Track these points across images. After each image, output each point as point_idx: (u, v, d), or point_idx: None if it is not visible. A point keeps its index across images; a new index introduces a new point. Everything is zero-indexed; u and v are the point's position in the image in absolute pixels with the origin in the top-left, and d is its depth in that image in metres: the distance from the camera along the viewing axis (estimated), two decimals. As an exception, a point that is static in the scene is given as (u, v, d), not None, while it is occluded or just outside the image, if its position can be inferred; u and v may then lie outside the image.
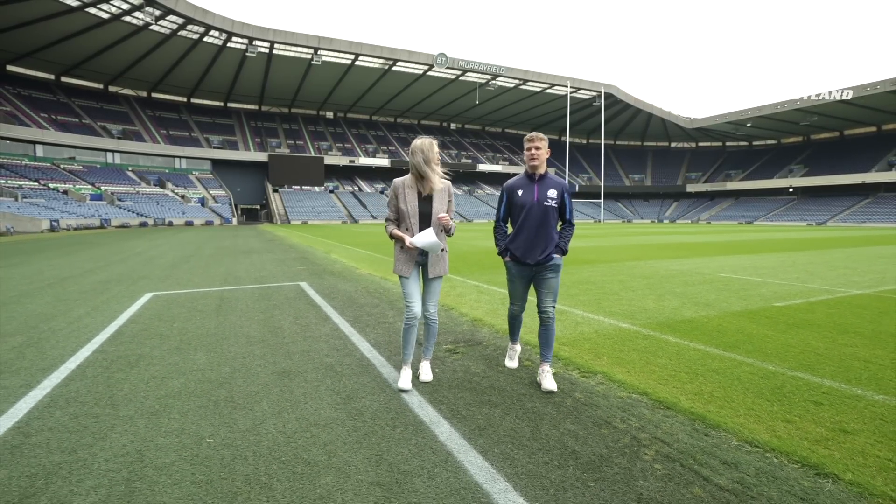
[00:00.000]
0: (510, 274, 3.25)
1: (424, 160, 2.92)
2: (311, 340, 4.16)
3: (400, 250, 3.03)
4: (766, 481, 1.96)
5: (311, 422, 2.54)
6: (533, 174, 3.12)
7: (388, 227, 3.11)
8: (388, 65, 50.22)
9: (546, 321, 3.14)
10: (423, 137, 2.99)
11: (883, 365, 3.43)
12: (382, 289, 6.89)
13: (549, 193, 3.08)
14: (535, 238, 3.07)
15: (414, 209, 2.98)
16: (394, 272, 3.06)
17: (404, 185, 3.01)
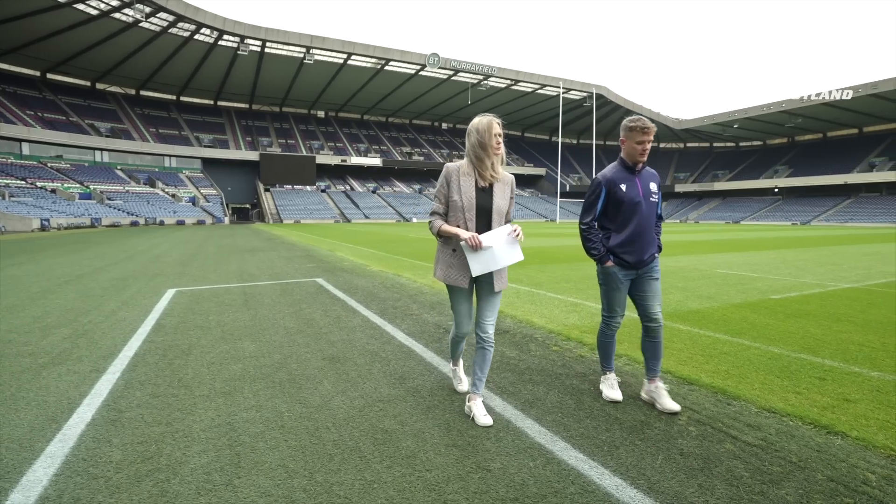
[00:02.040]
0: (614, 281, 2.74)
1: (480, 143, 2.39)
2: (346, 331, 4.42)
3: (452, 253, 2.44)
4: (785, 438, 2.29)
5: (375, 398, 2.81)
6: (634, 165, 2.72)
7: (435, 223, 2.49)
8: (381, 64, 50.36)
9: (656, 330, 2.75)
10: (482, 116, 2.45)
11: (875, 347, 3.80)
12: (399, 284, 7.16)
13: (652, 188, 2.76)
14: (645, 237, 2.71)
15: (470, 201, 2.40)
16: (440, 279, 2.51)
17: (459, 172, 2.44)
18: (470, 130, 2.44)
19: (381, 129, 69.47)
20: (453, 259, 2.46)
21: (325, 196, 55.68)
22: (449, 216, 2.48)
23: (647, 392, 2.75)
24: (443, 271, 2.51)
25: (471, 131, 2.43)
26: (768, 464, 2.07)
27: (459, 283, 2.46)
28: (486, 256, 2.34)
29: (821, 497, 1.85)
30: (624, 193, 2.69)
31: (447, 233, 2.42)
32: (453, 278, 2.47)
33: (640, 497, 1.84)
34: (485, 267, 2.34)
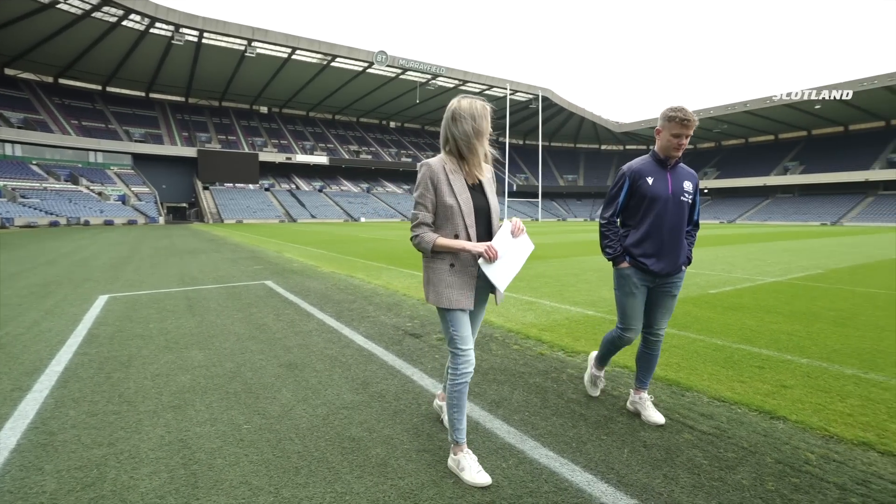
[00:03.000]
0: (628, 285, 2.43)
1: (475, 131, 1.93)
2: (302, 335, 4.26)
3: (450, 269, 1.96)
4: (736, 425, 2.44)
5: (339, 405, 2.72)
6: (666, 159, 2.41)
7: (425, 236, 1.93)
8: (327, 61, 49.18)
9: (655, 344, 2.56)
10: (469, 98, 1.96)
11: (802, 336, 4.14)
12: (352, 286, 7.01)
13: (685, 186, 2.43)
14: (670, 241, 2.39)
15: (468, 205, 1.95)
16: (436, 303, 1.98)
17: (446, 170, 1.95)
18: (459, 115, 1.93)
19: (327, 127, 67.85)
20: (453, 277, 1.96)
21: (269, 195, 53.64)
22: (438, 225, 1.97)
23: (633, 403, 2.63)
24: (440, 293, 1.96)
25: (461, 116, 1.92)
26: (723, 450, 2.20)
27: (463, 304, 1.96)
28: (506, 264, 1.95)
29: (772, 479, 1.98)
30: (650, 187, 2.38)
31: (447, 247, 1.91)
32: (455, 300, 1.95)
33: (611, 491, 1.89)
34: (508, 276, 1.95)
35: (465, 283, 1.98)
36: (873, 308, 5.38)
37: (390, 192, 63.23)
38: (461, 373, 2.00)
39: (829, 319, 4.80)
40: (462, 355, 1.99)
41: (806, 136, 62.57)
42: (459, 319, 2.00)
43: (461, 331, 1.99)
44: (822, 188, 54.21)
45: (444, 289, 1.96)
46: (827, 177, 52.49)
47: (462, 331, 2.00)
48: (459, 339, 1.99)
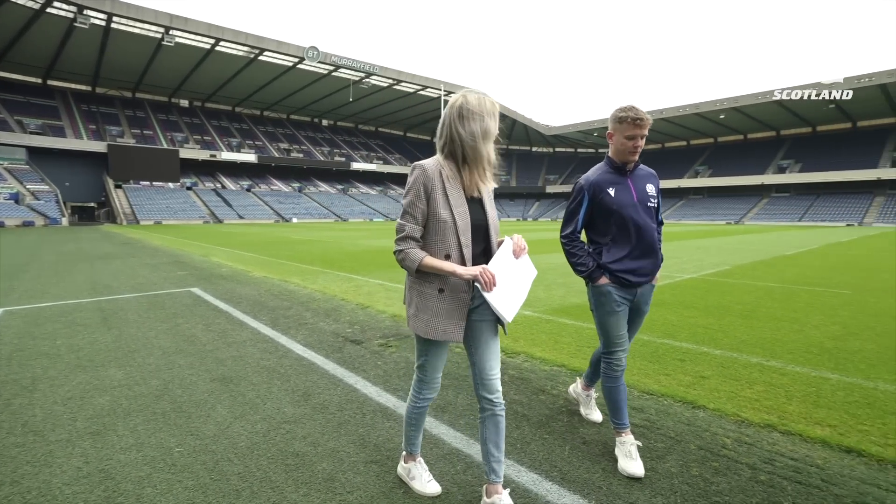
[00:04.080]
0: (609, 304, 2.23)
1: (484, 132, 1.67)
2: (236, 346, 4.05)
3: (438, 295, 1.70)
4: (663, 416, 2.64)
5: (280, 420, 2.62)
6: (624, 165, 2.26)
7: (412, 253, 1.66)
8: (254, 54, 46.91)
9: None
10: (476, 93, 1.72)
11: (716, 329, 4.55)
12: (287, 291, 6.75)
13: (649, 190, 2.28)
14: (647, 251, 2.24)
15: (465, 219, 1.69)
16: (420, 333, 1.73)
17: (443, 177, 1.68)
18: (468, 112, 1.65)
19: (255, 123, 64.72)
20: (441, 304, 1.70)
21: (191, 194, 50.23)
22: (428, 241, 1.69)
23: (577, 394, 2.70)
24: (425, 322, 1.71)
25: (471, 113, 1.65)
26: (653, 441, 2.37)
27: (451, 335, 1.71)
28: (509, 290, 1.68)
29: (696, 464, 2.16)
30: (613, 199, 2.21)
31: (435, 268, 1.64)
32: (442, 330, 1.70)
33: (555, 489, 1.97)
34: (514, 304, 1.69)
35: (454, 310, 1.70)
36: (771, 301, 6.03)
37: (323, 191, 61.53)
38: (424, 398, 1.90)
39: (737, 312, 5.31)
40: (429, 382, 1.87)
41: (713, 142, 68.65)
42: (437, 351, 1.82)
43: (435, 360, 1.84)
44: (727, 190, 59.70)
45: (430, 317, 1.70)
46: (730, 180, 57.90)
47: (436, 360, 1.84)
48: (431, 367, 1.85)
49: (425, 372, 1.87)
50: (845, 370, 3.41)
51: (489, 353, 1.80)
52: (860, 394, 2.97)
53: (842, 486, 1.99)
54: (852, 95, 44.74)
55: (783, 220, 48.94)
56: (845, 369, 3.43)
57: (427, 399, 1.91)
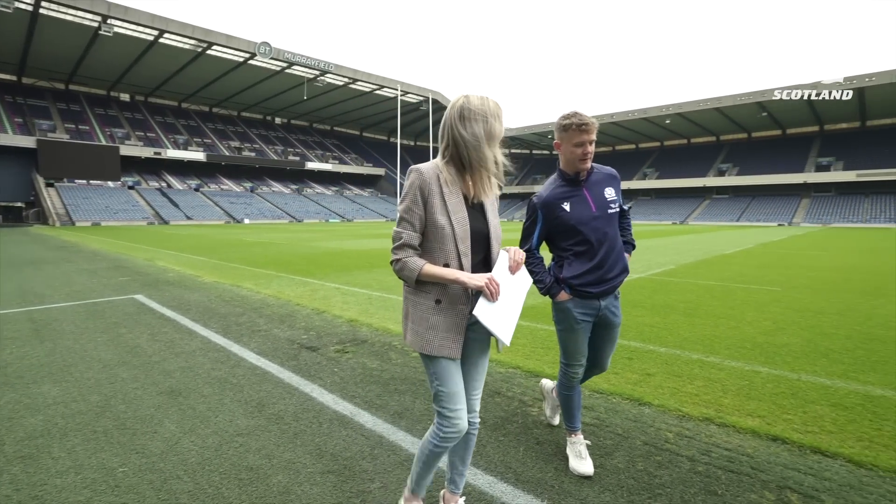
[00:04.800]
0: (569, 320, 2.18)
1: (487, 134, 1.58)
2: (184, 357, 3.89)
3: (434, 307, 1.58)
4: (612, 414, 2.77)
5: (233, 433, 2.55)
6: (576, 175, 2.16)
7: (410, 262, 1.55)
8: (202, 48, 44.93)
9: (594, 375, 2.46)
10: (483, 96, 1.61)
11: (661, 327, 4.80)
12: (240, 296, 6.54)
13: (608, 195, 2.17)
14: (610, 261, 2.16)
15: (463, 227, 1.59)
16: (416, 348, 1.61)
17: (441, 181, 1.59)
18: (469, 113, 1.56)
19: (203, 120, 62.00)
20: (438, 317, 1.58)
21: (134, 194, 47.47)
22: (426, 248, 1.60)
23: (547, 393, 2.70)
24: (421, 336, 1.59)
25: (473, 114, 1.56)
26: (602, 439, 2.48)
27: (448, 351, 1.57)
28: (507, 306, 1.57)
29: (641, 459, 2.29)
30: (570, 215, 2.12)
31: (437, 277, 1.53)
32: (439, 345, 1.57)
33: (509, 490, 2.03)
34: (511, 321, 1.58)
35: (452, 324, 1.58)
36: (711, 298, 6.41)
37: (277, 191, 59.78)
38: (445, 436, 1.61)
39: (681, 311, 5.62)
40: (450, 416, 1.60)
41: (660, 146, 71.99)
42: (447, 370, 1.59)
43: (449, 385, 1.59)
44: (673, 192, 62.76)
45: (425, 330, 1.58)
46: (676, 182, 60.91)
47: (450, 385, 1.59)
48: (446, 396, 1.60)
49: (441, 403, 1.61)
50: (774, 363, 3.69)
51: (476, 372, 1.74)
52: (786, 385, 3.23)
53: (768, 472, 2.16)
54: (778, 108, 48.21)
55: (723, 220, 51.93)
56: (774, 362, 3.71)
57: (449, 439, 1.62)
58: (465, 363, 1.72)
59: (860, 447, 2.38)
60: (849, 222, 44.85)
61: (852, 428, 2.60)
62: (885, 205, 46.58)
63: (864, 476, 2.14)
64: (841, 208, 48.35)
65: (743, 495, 2.00)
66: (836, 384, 3.26)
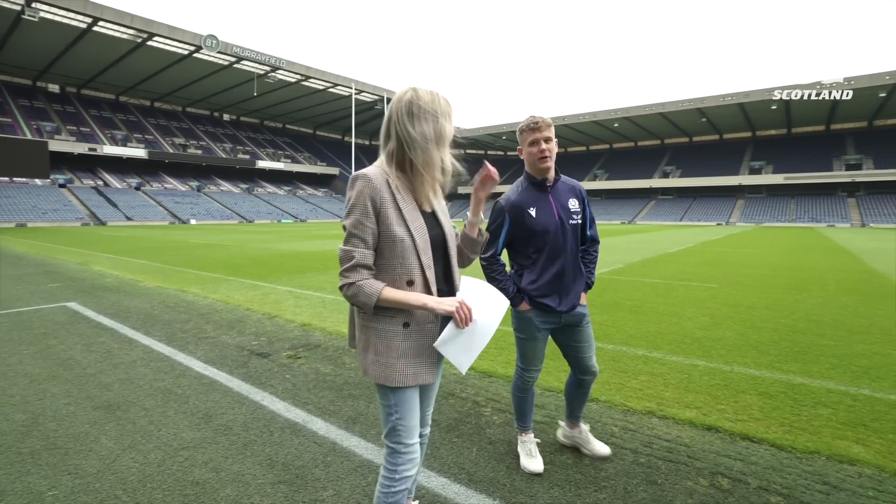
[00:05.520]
0: (530, 329, 2.20)
1: (437, 135, 1.41)
2: (124, 368, 3.69)
3: (403, 331, 1.40)
4: (561, 412, 2.86)
5: (177, 446, 2.45)
6: (543, 181, 2.16)
7: (366, 286, 1.34)
8: (142, 38, 42.50)
9: (589, 383, 2.33)
10: (432, 91, 1.45)
11: (609, 325, 5.00)
12: (185, 302, 6.25)
13: (571, 205, 2.17)
14: (568, 274, 2.15)
15: (423, 236, 1.43)
16: (384, 381, 1.39)
17: (392, 188, 1.41)
18: (420, 110, 1.39)
19: (144, 115, 58.63)
20: (407, 341, 1.40)
21: (65, 192, 44.22)
22: (382, 266, 1.40)
23: (569, 437, 2.43)
24: (389, 367, 1.39)
25: (422, 111, 1.39)
26: (552, 436, 2.57)
27: (423, 378, 1.42)
28: (475, 333, 1.40)
29: (588, 454, 2.38)
30: (534, 220, 2.12)
31: (399, 303, 1.35)
32: (413, 374, 1.40)
33: (463, 490, 2.07)
34: (477, 349, 1.41)
35: (424, 347, 1.42)
36: (655, 296, 6.75)
37: (226, 191, 57.47)
38: (401, 476, 1.43)
39: (628, 308, 5.87)
40: (405, 453, 1.44)
41: (609, 148, 74.82)
42: (411, 401, 1.44)
43: (410, 417, 1.44)
44: (621, 192, 65.39)
45: (395, 360, 1.38)
46: (624, 183, 63.55)
47: (411, 417, 1.44)
48: (405, 430, 1.43)
49: (398, 438, 1.43)
50: (710, 357, 3.94)
51: (430, 391, 1.65)
52: (720, 377, 3.45)
53: (702, 460, 2.32)
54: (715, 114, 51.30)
55: (668, 219, 54.63)
56: (710, 356, 3.96)
57: (405, 479, 1.44)
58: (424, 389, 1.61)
59: (782, 432, 2.59)
60: (778, 222, 48.38)
61: (776, 414, 2.82)
62: (808, 206, 50.62)
63: (784, 458, 2.33)
64: (771, 209, 52.08)
65: (680, 483, 2.13)
66: (763, 374, 3.52)
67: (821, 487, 2.09)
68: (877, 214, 45.64)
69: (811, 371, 3.61)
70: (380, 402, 1.47)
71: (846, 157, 52.25)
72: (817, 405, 2.96)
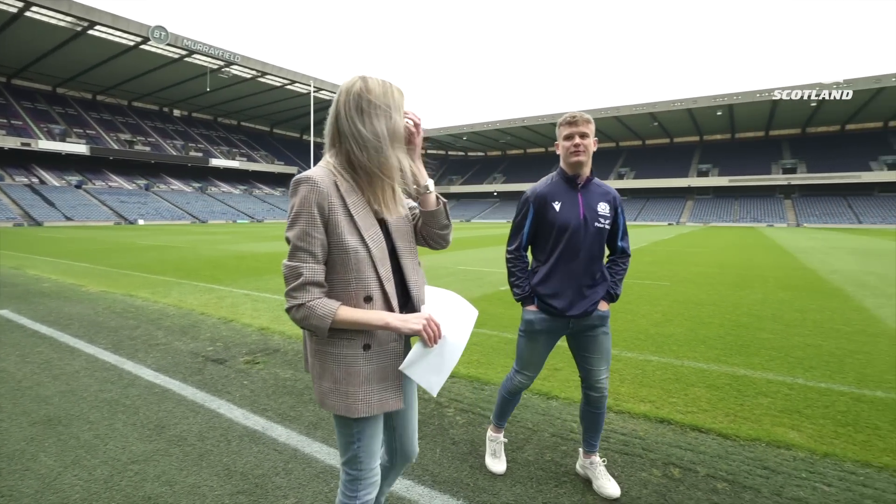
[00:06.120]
0: (532, 331, 2.12)
1: (391, 133, 1.25)
2: (65, 379, 3.47)
3: (363, 355, 1.24)
4: (523, 409, 2.93)
5: (126, 460, 2.33)
6: (575, 177, 2.09)
7: (318, 306, 1.18)
8: (82, 27, 40.01)
9: (599, 400, 2.14)
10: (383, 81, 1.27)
11: (567, 323, 5.14)
12: (133, 307, 5.95)
13: (600, 209, 2.08)
14: (582, 277, 2.04)
15: (380, 245, 1.27)
16: (344, 412, 1.25)
17: (341, 191, 1.24)
18: (369, 104, 1.22)
19: (86, 109, 55.20)
20: (369, 365, 1.25)
21: (-5, 190, 41.06)
22: (334, 282, 1.24)
23: (582, 467, 2.23)
24: (351, 395, 1.24)
25: (372, 106, 1.23)
26: (515, 434, 2.62)
27: (390, 404, 1.28)
28: (444, 350, 1.26)
29: (549, 451, 2.45)
30: (557, 214, 2.04)
31: (358, 323, 1.20)
32: (378, 401, 1.26)
33: (427, 492, 2.08)
34: (448, 367, 1.27)
35: (388, 369, 1.27)
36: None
37: (177, 190, 55.00)
38: (361, 502, 1.33)
39: (584, 306, 6.04)
40: (366, 479, 1.32)
41: (566, 150, 76.81)
42: (374, 428, 1.31)
43: (372, 445, 1.31)
44: (578, 194, 67.36)
45: (356, 387, 1.24)
46: (581, 185, 65.52)
47: (374, 444, 1.32)
48: (367, 456, 1.31)
49: (359, 464, 1.31)
50: (662, 352, 4.12)
51: (411, 414, 1.47)
52: (672, 371, 3.62)
53: (655, 452, 2.43)
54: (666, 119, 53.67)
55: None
56: (663, 351, 4.14)
57: (367, 501, 1.34)
58: (399, 410, 1.42)
59: (727, 421, 2.75)
60: (724, 221, 51.13)
61: (722, 405, 2.99)
62: (750, 206, 53.79)
63: (729, 446, 2.48)
64: (718, 209, 55.00)
65: (635, 475, 2.23)
66: (711, 367, 3.72)
67: (761, 472, 2.23)
68: (810, 215, 49.11)
69: (753, 363, 3.84)
70: (338, 432, 1.32)
71: (783, 161, 55.93)
72: (758, 395, 3.16)
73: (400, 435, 1.46)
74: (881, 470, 2.26)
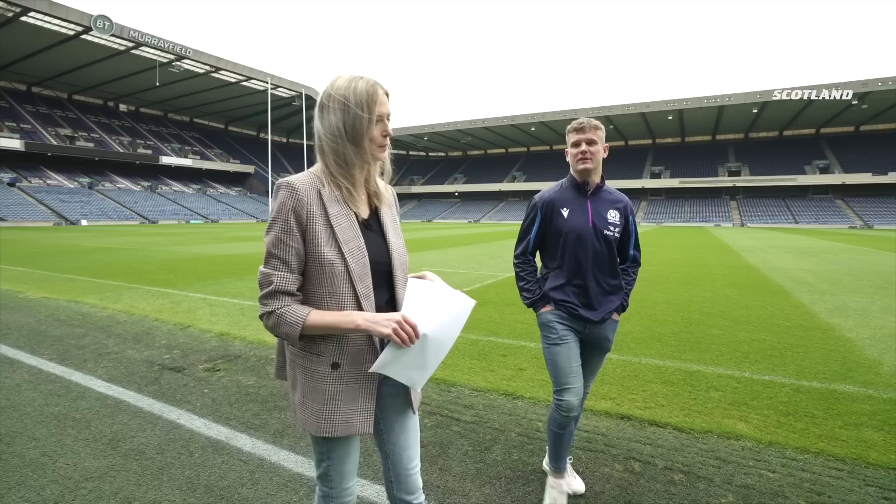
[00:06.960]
0: (555, 335, 2.01)
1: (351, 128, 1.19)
2: (5, 393, 3.25)
3: (331, 372, 1.19)
4: (489, 410, 2.98)
5: (79, 478, 2.21)
6: (584, 183, 2.07)
7: (286, 313, 1.14)
8: (14, 12, 37.30)
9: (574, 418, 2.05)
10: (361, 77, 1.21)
11: (531, 323, 5.26)
12: (80, 314, 5.62)
13: (610, 217, 2.04)
14: (595, 285, 2.02)
15: (361, 259, 1.20)
16: (314, 431, 1.21)
17: (324, 198, 1.20)
18: (329, 99, 1.19)
19: (19, 101, 51.45)
20: (337, 384, 1.19)
21: (-85, 188, 37.62)
22: (309, 293, 1.20)
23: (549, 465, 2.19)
24: (315, 413, 1.20)
25: (332, 101, 1.19)
26: (482, 435, 2.67)
27: (356, 427, 1.20)
28: (426, 349, 1.17)
29: (517, 450, 2.51)
30: (565, 221, 2.02)
31: (328, 327, 1.15)
32: (343, 422, 1.19)
33: (397, 496, 2.09)
34: (436, 359, 1.20)
35: (358, 391, 1.20)
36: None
37: (124, 188, 52.19)
38: None
39: (546, 306, 6.20)
40: (337, 497, 1.30)
41: (527, 151, 78.12)
42: (346, 448, 1.27)
43: (344, 465, 1.28)
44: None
45: (322, 406, 1.19)
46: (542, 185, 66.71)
47: (345, 465, 1.28)
48: (338, 476, 1.28)
49: (330, 482, 1.29)
50: (622, 350, 4.28)
51: (406, 436, 1.33)
52: (630, 368, 3.78)
53: (617, 447, 2.53)
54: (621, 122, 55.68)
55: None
56: (622, 349, 4.31)
57: None
58: (391, 431, 1.32)
59: (682, 415, 2.90)
60: (676, 222, 53.56)
61: (677, 400, 3.15)
62: (699, 207, 56.58)
63: (684, 439, 2.62)
64: (670, 210, 57.53)
65: (599, 470, 2.32)
66: (666, 364, 3.91)
67: (714, 462, 2.38)
68: (752, 215, 52.22)
69: (705, 359, 4.06)
70: (312, 446, 1.31)
71: (728, 164, 59.18)
72: (710, 389, 3.35)
73: (394, 464, 1.32)
74: (817, 455, 2.45)
